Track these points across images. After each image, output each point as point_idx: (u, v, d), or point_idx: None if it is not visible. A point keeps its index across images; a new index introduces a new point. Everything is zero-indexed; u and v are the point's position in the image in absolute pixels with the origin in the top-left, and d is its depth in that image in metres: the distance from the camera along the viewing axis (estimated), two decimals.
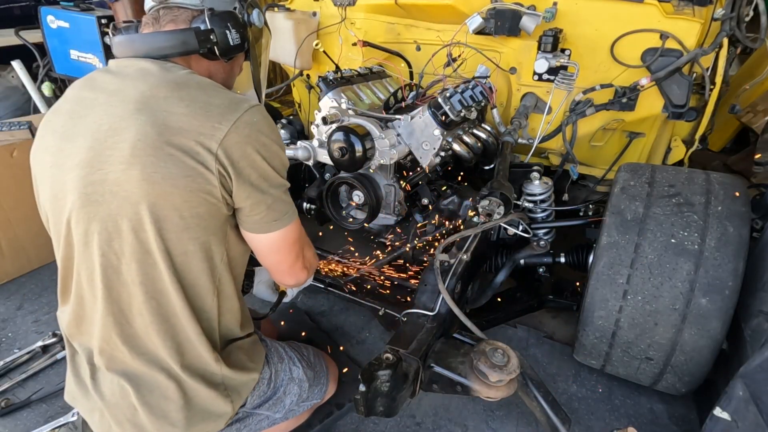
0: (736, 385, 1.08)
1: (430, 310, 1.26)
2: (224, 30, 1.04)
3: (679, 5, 1.77)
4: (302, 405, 1.29)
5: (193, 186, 0.89)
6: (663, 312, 1.29)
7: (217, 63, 1.10)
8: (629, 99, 1.83)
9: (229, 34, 1.05)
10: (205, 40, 1.02)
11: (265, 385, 1.17)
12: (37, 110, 2.93)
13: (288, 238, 1.07)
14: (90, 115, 0.92)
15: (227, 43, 1.06)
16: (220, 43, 1.04)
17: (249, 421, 1.16)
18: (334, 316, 1.98)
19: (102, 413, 1.03)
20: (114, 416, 1.01)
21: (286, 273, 1.14)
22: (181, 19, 1.02)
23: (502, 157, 1.75)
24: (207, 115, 0.90)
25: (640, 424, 1.52)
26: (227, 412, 1.05)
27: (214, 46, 1.04)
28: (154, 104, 0.89)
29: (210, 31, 1.02)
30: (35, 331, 1.89)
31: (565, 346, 1.82)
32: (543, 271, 1.81)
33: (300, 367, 1.26)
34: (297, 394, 1.25)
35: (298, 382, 1.25)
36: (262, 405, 1.17)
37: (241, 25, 1.09)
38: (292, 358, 1.26)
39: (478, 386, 1.07)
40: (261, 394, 1.16)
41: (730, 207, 1.30)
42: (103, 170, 0.88)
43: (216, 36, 1.03)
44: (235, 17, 1.07)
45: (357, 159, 1.48)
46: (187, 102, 0.90)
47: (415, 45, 2.19)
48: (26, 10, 3.32)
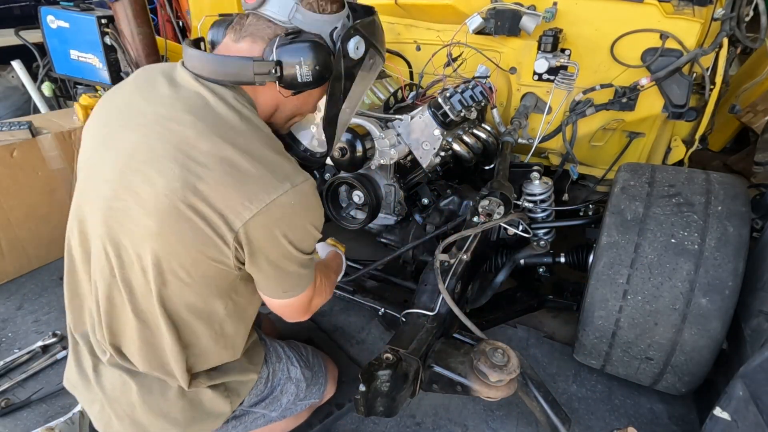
0: (736, 385, 1.08)
1: (430, 310, 1.26)
2: (295, 63, 0.87)
3: (679, 5, 1.77)
4: (299, 404, 1.29)
5: (207, 253, 0.85)
6: (663, 312, 1.29)
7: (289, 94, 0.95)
8: (629, 99, 1.83)
9: (299, 69, 0.87)
10: (265, 73, 0.86)
11: (263, 384, 1.17)
12: (37, 110, 2.93)
13: (295, 304, 1.03)
14: (132, 131, 0.87)
15: (294, 79, 0.89)
16: (285, 77, 0.88)
17: (245, 419, 1.17)
18: (334, 316, 1.98)
19: (102, 406, 1.03)
20: (114, 410, 1.02)
21: (288, 318, 1.11)
22: (259, 36, 0.89)
23: (502, 157, 1.75)
24: (240, 189, 0.81)
25: (640, 424, 1.52)
26: (225, 411, 1.06)
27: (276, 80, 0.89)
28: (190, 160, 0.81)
29: (273, 63, 0.86)
30: (35, 331, 1.88)
31: (565, 346, 1.82)
32: (543, 271, 1.81)
33: (298, 366, 1.26)
34: (294, 393, 1.25)
35: (295, 382, 1.25)
36: (258, 403, 1.18)
37: (322, 56, 0.89)
38: (290, 358, 1.26)
39: (478, 386, 1.07)
40: (258, 393, 1.16)
41: (730, 207, 1.30)
42: (126, 202, 0.85)
43: (280, 70, 0.87)
44: (318, 47, 0.88)
45: (357, 159, 1.48)
46: (226, 167, 0.81)
47: (415, 45, 2.19)
48: (26, 10, 3.32)
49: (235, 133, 0.84)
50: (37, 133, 2.12)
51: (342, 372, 1.54)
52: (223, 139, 0.82)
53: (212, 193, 0.81)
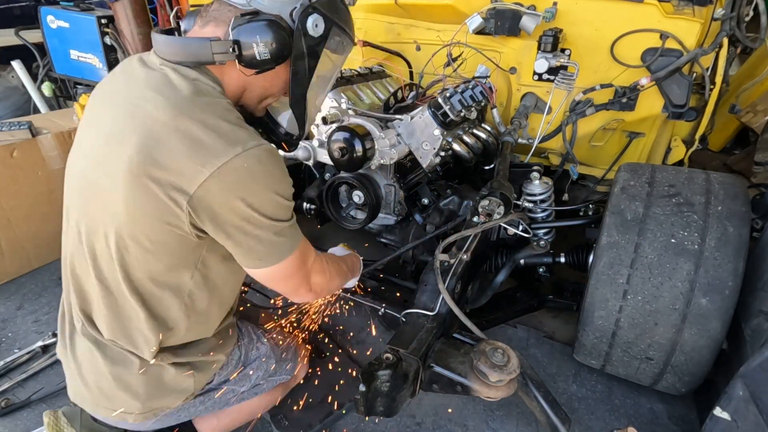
0: (736, 385, 1.08)
1: (430, 310, 1.26)
2: (252, 42, 0.91)
3: (679, 5, 1.77)
4: (270, 380, 1.31)
5: (163, 218, 0.88)
6: (663, 312, 1.29)
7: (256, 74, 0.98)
8: (629, 99, 1.83)
9: (256, 47, 0.91)
10: (224, 53, 0.91)
11: (233, 365, 1.20)
12: (37, 110, 2.94)
13: (279, 274, 1.00)
14: (108, 110, 0.95)
15: (252, 57, 0.92)
16: (243, 57, 0.92)
17: (213, 394, 1.18)
18: (334, 316, 1.98)
19: (74, 374, 1.08)
20: (83, 378, 1.06)
21: (288, 296, 1.12)
22: (221, 19, 0.94)
23: (502, 157, 1.75)
24: (194, 155, 0.84)
25: (640, 424, 1.52)
26: (188, 389, 1.08)
27: (236, 59, 0.93)
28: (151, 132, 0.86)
29: (231, 42, 0.91)
30: (35, 331, 1.89)
31: (565, 346, 1.82)
32: (543, 271, 1.81)
33: (266, 344, 1.29)
34: (264, 369, 1.27)
35: (265, 358, 1.27)
36: (227, 382, 1.20)
37: (279, 35, 0.93)
38: (260, 337, 1.29)
39: (478, 386, 1.07)
40: (228, 373, 1.19)
41: (730, 207, 1.30)
42: (97, 174, 0.92)
43: (238, 49, 0.91)
44: (273, 25, 0.92)
45: (357, 159, 1.48)
46: (181, 136, 0.85)
47: (415, 45, 2.19)
48: (26, 10, 3.32)
49: (192, 106, 0.88)
50: (37, 133, 2.12)
51: (342, 372, 1.54)
52: (180, 112, 0.87)
53: (168, 161, 0.85)
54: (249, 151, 0.87)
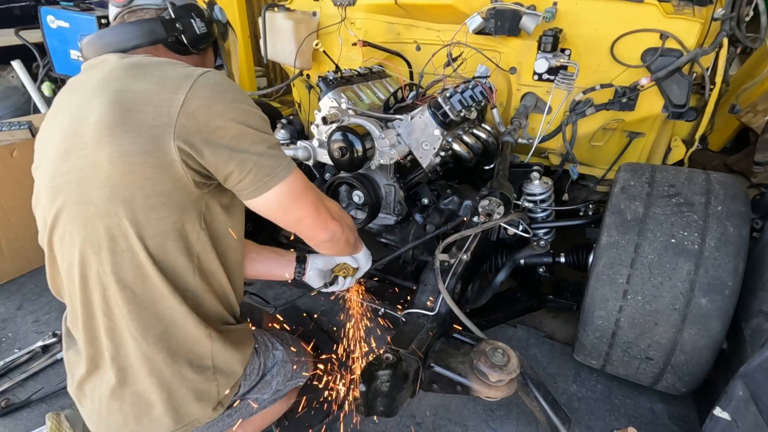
0: (736, 385, 1.09)
1: (430, 310, 1.26)
2: (189, 19, 1.09)
3: (679, 5, 1.77)
4: (288, 384, 1.30)
5: (151, 162, 0.87)
6: (663, 312, 1.29)
7: (188, 57, 1.11)
8: (629, 99, 1.83)
9: (195, 23, 1.10)
10: (171, 28, 1.05)
11: (255, 374, 1.18)
12: (37, 110, 2.93)
13: (292, 192, 1.01)
14: (61, 114, 0.97)
15: (194, 32, 1.10)
16: (187, 32, 1.08)
17: (239, 406, 1.17)
18: (334, 316, 1.98)
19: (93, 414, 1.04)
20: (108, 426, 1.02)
21: (316, 229, 1.11)
22: (146, 17, 1.06)
23: (502, 157, 1.75)
24: (162, 88, 0.89)
25: (640, 424, 1.52)
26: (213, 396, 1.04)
27: (181, 35, 1.07)
28: (110, 85, 0.90)
29: (175, 20, 1.06)
30: (35, 331, 1.89)
31: (565, 346, 1.82)
32: (543, 271, 1.81)
33: (282, 349, 1.28)
34: (283, 374, 1.26)
35: (282, 364, 1.26)
36: (250, 391, 1.19)
37: (205, 17, 1.14)
38: (273, 343, 1.28)
39: (478, 386, 1.08)
40: (251, 383, 1.17)
41: (730, 207, 1.30)
42: (70, 160, 0.90)
43: (182, 24, 1.07)
44: (198, 8, 1.13)
45: (357, 159, 1.48)
46: (142, 78, 0.90)
47: (415, 45, 2.19)
48: (26, 10, 3.32)
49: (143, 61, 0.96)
50: (37, 132, 2.12)
51: (342, 372, 1.53)
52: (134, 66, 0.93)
53: (139, 101, 0.88)
54: (209, 72, 0.94)
